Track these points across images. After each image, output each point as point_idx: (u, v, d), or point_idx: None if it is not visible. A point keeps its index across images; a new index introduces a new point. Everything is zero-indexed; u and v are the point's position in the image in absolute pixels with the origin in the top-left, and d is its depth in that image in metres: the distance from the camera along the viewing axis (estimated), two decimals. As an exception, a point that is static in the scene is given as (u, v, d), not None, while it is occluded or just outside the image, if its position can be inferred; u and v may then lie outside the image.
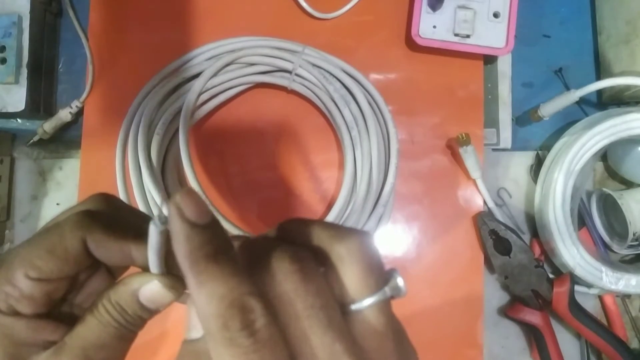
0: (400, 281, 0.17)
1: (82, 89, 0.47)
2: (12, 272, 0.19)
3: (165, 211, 0.17)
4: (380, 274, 0.17)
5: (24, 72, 0.45)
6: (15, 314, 0.19)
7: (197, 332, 0.17)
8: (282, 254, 0.16)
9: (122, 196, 0.41)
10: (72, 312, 0.21)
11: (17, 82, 0.45)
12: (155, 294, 0.19)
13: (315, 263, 0.17)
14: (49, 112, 0.48)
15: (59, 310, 0.21)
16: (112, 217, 0.21)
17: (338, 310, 0.16)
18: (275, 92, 0.47)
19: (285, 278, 0.16)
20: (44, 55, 0.48)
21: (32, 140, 0.47)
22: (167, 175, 0.43)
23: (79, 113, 0.47)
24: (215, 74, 0.43)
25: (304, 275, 0.16)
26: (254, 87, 0.46)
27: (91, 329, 0.19)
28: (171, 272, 0.19)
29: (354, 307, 0.17)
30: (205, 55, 0.44)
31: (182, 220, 0.15)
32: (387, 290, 0.17)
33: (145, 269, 0.19)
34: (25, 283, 0.19)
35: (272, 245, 0.17)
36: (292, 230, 0.19)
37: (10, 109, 0.45)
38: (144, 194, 0.41)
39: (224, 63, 0.43)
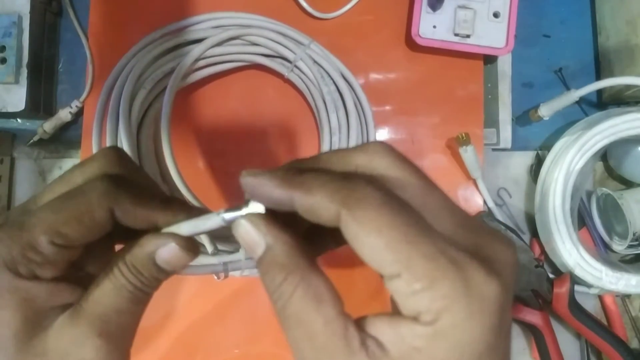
0: None
1: (82, 89, 0.47)
2: (35, 237, 0.19)
3: (231, 214, 0.19)
4: None
5: (24, 72, 0.45)
6: (35, 278, 0.19)
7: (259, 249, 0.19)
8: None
9: (94, 140, 0.40)
10: (79, 274, 0.21)
11: (17, 82, 0.45)
12: (174, 256, 0.20)
13: None
14: (49, 112, 0.48)
15: (70, 273, 0.21)
16: (136, 184, 0.21)
17: None
18: (271, 78, 0.47)
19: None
20: (44, 55, 0.48)
21: (32, 140, 0.47)
22: (142, 130, 0.42)
23: (79, 113, 0.47)
24: (217, 44, 0.43)
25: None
26: (251, 67, 0.46)
27: (106, 294, 0.19)
28: None
29: None
30: (212, 23, 0.43)
31: (262, 175, 0.18)
32: None
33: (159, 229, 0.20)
34: (50, 249, 0.19)
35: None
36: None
37: (10, 109, 0.45)
38: (116, 143, 0.40)
39: (229, 36, 0.42)
